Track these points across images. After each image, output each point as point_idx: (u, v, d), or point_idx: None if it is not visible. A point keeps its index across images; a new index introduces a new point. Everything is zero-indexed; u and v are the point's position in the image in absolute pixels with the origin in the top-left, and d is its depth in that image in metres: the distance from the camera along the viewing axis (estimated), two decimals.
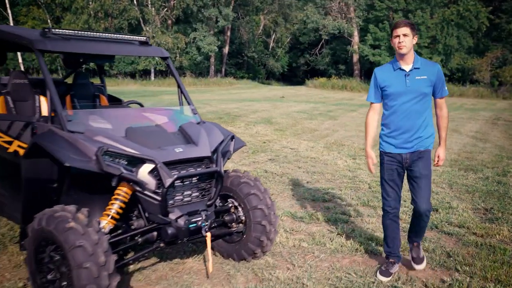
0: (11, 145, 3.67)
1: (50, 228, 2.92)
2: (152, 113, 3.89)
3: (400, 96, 3.69)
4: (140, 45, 4.25)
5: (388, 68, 3.79)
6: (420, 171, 3.70)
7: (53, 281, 3.07)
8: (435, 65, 3.75)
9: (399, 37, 3.59)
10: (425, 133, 3.72)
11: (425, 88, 3.66)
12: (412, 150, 3.71)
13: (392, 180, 3.80)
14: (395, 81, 3.71)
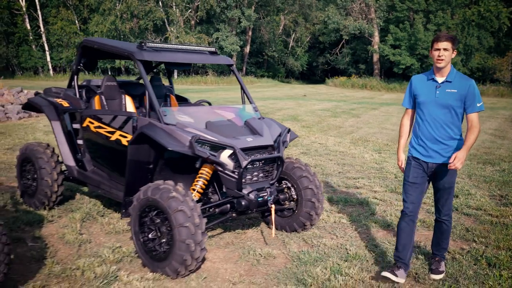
0: (113, 134, 4.56)
1: (156, 197, 3.80)
2: (222, 110, 4.75)
3: (428, 106, 3.74)
4: (210, 54, 5.12)
5: (423, 77, 3.85)
6: (444, 184, 3.79)
7: (153, 239, 3.95)
8: (469, 80, 3.70)
9: (440, 50, 3.60)
10: (452, 145, 3.73)
11: (453, 101, 3.65)
12: (438, 161, 3.75)
13: (414, 183, 3.83)
14: (425, 91, 3.77)
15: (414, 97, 3.89)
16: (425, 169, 3.82)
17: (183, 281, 3.80)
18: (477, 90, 3.68)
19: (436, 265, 4.01)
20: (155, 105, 4.18)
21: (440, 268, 3.99)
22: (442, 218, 3.92)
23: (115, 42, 5.06)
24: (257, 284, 3.82)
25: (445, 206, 3.89)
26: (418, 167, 3.83)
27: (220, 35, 43.60)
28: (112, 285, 3.70)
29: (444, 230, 3.97)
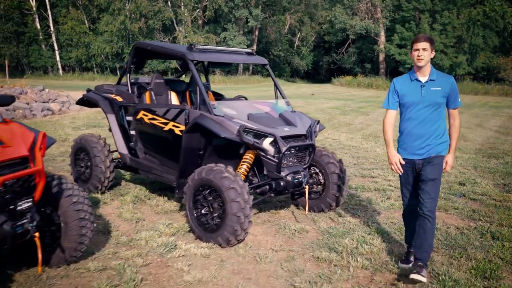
0: (166, 125, 5.23)
1: (210, 177, 4.47)
2: (259, 104, 5.42)
3: (415, 105, 3.87)
4: (247, 55, 5.80)
5: (406, 78, 3.99)
6: (428, 175, 3.82)
7: (206, 214, 4.63)
8: (450, 77, 3.91)
9: (419, 50, 3.78)
10: (438, 140, 3.87)
11: (439, 98, 3.83)
12: (424, 156, 3.89)
13: (407, 183, 4.04)
14: (411, 91, 3.89)
15: (398, 99, 3.98)
16: (413, 167, 3.95)
17: (232, 249, 4.48)
18: (457, 86, 3.91)
19: (418, 269, 3.71)
20: (206, 99, 4.87)
21: (422, 272, 3.68)
22: (425, 213, 3.78)
23: (166, 44, 5.74)
24: (295, 251, 4.49)
25: (428, 198, 3.79)
26: (407, 168, 3.98)
27: (227, 35, 44.28)
28: (173, 252, 4.37)
29: (428, 229, 3.79)
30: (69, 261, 3.94)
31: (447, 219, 5.54)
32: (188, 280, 3.83)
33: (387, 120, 4.07)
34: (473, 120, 16.85)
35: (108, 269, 3.98)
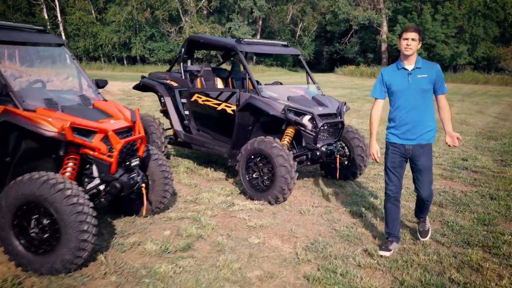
0: (219, 106, 6.24)
1: (261, 147, 5.48)
2: (294, 88, 6.42)
3: (403, 93, 4.02)
4: (283, 47, 6.80)
5: (393, 68, 4.15)
6: (423, 165, 4.08)
7: (257, 178, 5.66)
8: (435, 65, 4.09)
9: (408, 40, 3.93)
10: (427, 127, 4.04)
11: (425, 85, 3.99)
12: (415, 142, 4.05)
13: (394, 168, 4.17)
14: (398, 80, 4.05)
15: (387, 88, 4.14)
16: (402, 153, 4.12)
17: (280, 206, 5.52)
18: (442, 73, 4.08)
19: (422, 226, 4.43)
20: (254, 83, 5.88)
21: (426, 227, 4.44)
22: (425, 198, 4.22)
23: (217, 38, 6.75)
24: (331, 207, 5.54)
25: (424, 188, 4.13)
26: (395, 152, 4.14)
27: (232, 25, 45.07)
28: (233, 207, 5.41)
29: (426, 207, 4.36)
30: (154, 212, 4.97)
31: (453, 185, 6.59)
32: (251, 225, 4.87)
33: (375, 110, 4.21)
34: (474, 107, 17.85)
35: (186, 218, 5.02)
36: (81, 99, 4.46)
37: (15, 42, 4.42)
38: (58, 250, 3.54)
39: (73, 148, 4.03)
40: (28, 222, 3.63)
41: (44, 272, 3.60)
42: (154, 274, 3.70)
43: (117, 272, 3.74)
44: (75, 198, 3.51)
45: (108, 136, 4.01)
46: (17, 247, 3.67)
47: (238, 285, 3.61)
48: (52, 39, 4.79)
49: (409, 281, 3.72)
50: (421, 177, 4.14)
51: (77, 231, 3.48)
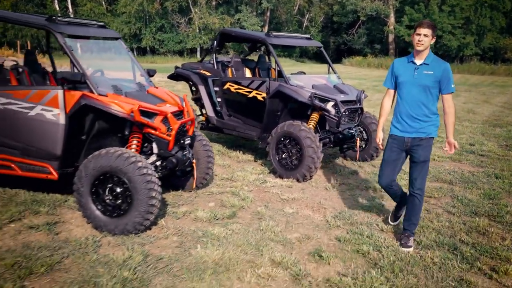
0: (250, 93, 6.89)
1: (290, 130, 6.13)
2: (317, 77, 7.05)
3: (407, 86, 4.08)
4: (306, 39, 7.42)
5: (404, 60, 4.21)
6: (419, 157, 4.12)
7: (286, 158, 6.31)
8: (444, 63, 4.06)
9: (420, 35, 3.94)
10: (427, 121, 4.08)
11: (429, 82, 4.00)
12: (414, 135, 4.11)
13: (389, 160, 4.29)
14: (405, 72, 4.11)
15: (395, 78, 4.21)
16: (401, 145, 4.19)
17: (306, 183, 6.18)
18: (451, 73, 4.03)
19: (406, 240, 4.25)
20: (283, 73, 6.52)
21: (409, 243, 4.22)
22: (415, 192, 4.18)
23: (248, 31, 7.38)
24: (353, 184, 6.19)
25: (418, 180, 4.17)
26: (394, 145, 4.23)
27: (241, 16, 45.54)
28: (265, 184, 6.08)
29: (416, 205, 4.21)
30: (198, 187, 5.64)
31: (461, 166, 7.24)
32: (284, 198, 5.54)
33: (385, 99, 4.34)
34: (480, 97, 18.39)
35: (226, 192, 5.69)
36: (138, 86, 5.13)
37: (85, 37, 5.06)
38: (130, 213, 4.21)
39: (137, 128, 4.69)
40: (104, 190, 4.31)
41: (118, 232, 4.28)
42: (209, 235, 4.37)
43: (177, 234, 4.42)
44: (145, 169, 4.18)
45: (168, 118, 4.67)
46: (95, 212, 4.35)
47: (281, 244, 4.28)
48: (111, 33, 5.43)
49: (425, 241, 4.38)
50: (415, 168, 4.17)
51: (146, 197, 4.15)
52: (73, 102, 4.39)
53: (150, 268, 3.69)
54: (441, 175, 6.67)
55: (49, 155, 4.57)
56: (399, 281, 3.60)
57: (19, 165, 4.70)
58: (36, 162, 4.63)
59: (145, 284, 3.43)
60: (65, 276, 3.52)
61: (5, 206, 4.85)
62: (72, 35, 4.76)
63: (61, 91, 4.42)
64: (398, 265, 3.85)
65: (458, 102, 16.37)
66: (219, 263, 3.79)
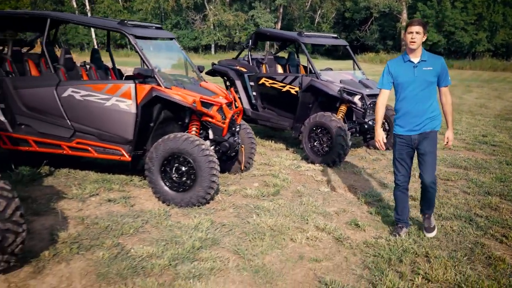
0: (284, 88, 7.64)
1: (322, 120, 6.87)
2: (344, 73, 7.78)
3: (409, 85, 4.13)
4: (333, 38, 8.15)
5: (399, 60, 4.23)
6: (425, 149, 4.19)
7: (317, 145, 7.06)
8: (440, 58, 4.19)
9: (412, 33, 4.01)
10: (431, 116, 4.17)
11: (430, 77, 4.10)
12: (420, 132, 4.19)
13: (401, 159, 4.34)
14: (404, 72, 4.14)
15: (392, 79, 4.24)
16: (408, 143, 4.26)
17: (336, 168, 6.92)
18: (447, 66, 4.21)
19: (428, 222, 4.47)
20: (315, 69, 7.27)
21: (432, 225, 4.47)
22: (427, 184, 4.28)
23: (281, 31, 8.14)
24: (377, 169, 6.92)
25: (428, 171, 4.24)
26: (402, 144, 4.30)
27: (255, 13, 46.23)
28: (300, 168, 6.83)
29: (431, 195, 4.36)
30: (242, 171, 6.40)
31: (475, 154, 7.94)
32: (318, 180, 6.30)
33: (381, 100, 4.37)
34: (493, 93, 18.97)
35: (266, 175, 6.45)
36: (192, 80, 5.90)
37: (148, 37, 5.83)
38: (194, 188, 5.00)
39: (195, 116, 5.47)
40: (171, 169, 5.09)
41: (183, 205, 5.06)
42: (260, 207, 5.14)
43: (232, 207, 5.19)
44: (207, 151, 4.96)
45: (223, 108, 5.44)
46: (163, 188, 5.14)
47: (322, 215, 5.04)
48: (167, 34, 6.21)
49: (445, 214, 5.11)
50: (424, 160, 4.24)
51: (209, 175, 4.93)
52: (143, 94, 5.17)
53: (218, 231, 4.47)
54: (457, 161, 7.37)
55: (122, 140, 5.36)
56: (425, 243, 4.33)
57: (95, 148, 5.49)
58: (110, 145, 5.42)
59: (217, 243, 4.21)
60: (150, 236, 4.31)
61: (81, 184, 5.66)
62: (140, 36, 5.52)
63: (133, 85, 5.20)
64: (422, 232, 4.58)
65: (471, 97, 17.00)
66: (273, 228, 4.56)
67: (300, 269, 3.82)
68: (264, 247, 4.15)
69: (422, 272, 3.74)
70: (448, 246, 4.31)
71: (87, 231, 4.37)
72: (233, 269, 3.74)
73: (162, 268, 3.68)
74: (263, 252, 4.06)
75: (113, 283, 3.47)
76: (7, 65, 5.88)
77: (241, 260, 3.90)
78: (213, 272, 3.65)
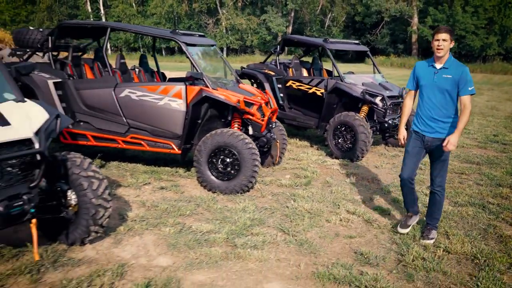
0: (310, 89, 8.31)
1: (346, 119, 7.52)
2: (365, 76, 8.43)
3: (427, 89, 4.27)
4: (355, 44, 8.81)
5: (425, 64, 4.37)
6: (440, 156, 4.34)
7: (341, 142, 7.70)
8: (463, 67, 4.18)
9: (439, 41, 4.10)
10: (447, 123, 4.24)
11: (448, 85, 4.15)
12: (433, 135, 4.29)
13: (412, 154, 4.46)
14: (426, 75, 4.30)
15: (417, 80, 4.40)
16: (422, 141, 4.39)
17: (358, 163, 7.57)
18: (469, 76, 4.14)
19: (427, 232, 4.51)
20: (339, 72, 7.93)
21: (430, 236, 4.47)
22: (436, 189, 4.43)
23: (307, 37, 8.82)
24: (395, 163, 7.55)
25: (438, 177, 4.41)
26: (417, 139, 4.44)
27: (267, 17, 46.98)
28: (325, 163, 7.49)
29: (437, 201, 4.46)
30: (274, 164, 7.07)
31: (487, 152, 8.55)
32: (344, 173, 6.96)
33: (407, 99, 4.58)
34: (503, 95, 19.50)
35: (296, 168, 7.12)
36: (232, 83, 6.59)
37: (195, 44, 6.51)
38: (238, 178, 5.67)
39: (237, 114, 6.15)
40: (217, 160, 5.77)
41: (227, 192, 5.73)
42: (296, 194, 5.80)
43: (270, 194, 5.86)
44: (250, 145, 5.63)
45: (262, 107, 6.12)
46: (210, 177, 5.82)
47: (351, 202, 5.69)
48: (209, 41, 6.91)
49: (460, 202, 5.74)
50: (435, 166, 4.42)
51: (251, 165, 5.60)
52: (193, 94, 5.86)
53: (262, 213, 5.14)
54: (470, 158, 7.99)
55: (172, 135, 6.05)
56: (444, 224, 4.97)
57: (148, 142, 6.19)
58: (162, 140, 6.11)
59: (263, 222, 4.88)
60: (204, 216, 4.99)
61: (133, 174, 6.37)
62: (189, 43, 6.22)
63: (184, 87, 5.90)
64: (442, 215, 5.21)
65: (482, 100, 17.56)
66: (310, 211, 5.23)
67: (337, 244, 4.48)
68: (304, 226, 4.81)
69: (442, 246, 4.39)
70: (464, 227, 4.95)
71: (150, 212, 5.06)
72: (281, 242, 4.41)
73: (222, 240, 4.36)
74: (304, 229, 4.73)
75: (182, 251, 4.14)
76: (68, 69, 6.61)
77: (287, 235, 4.57)
78: (265, 244, 4.32)
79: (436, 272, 3.89)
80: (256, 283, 3.66)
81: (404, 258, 4.12)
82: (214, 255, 4.06)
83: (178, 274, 3.73)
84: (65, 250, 4.05)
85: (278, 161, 6.96)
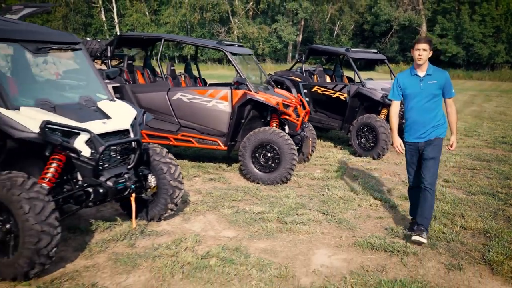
0: (334, 94, 9.16)
1: (368, 121, 8.34)
2: (383, 82, 9.27)
3: (415, 97, 4.47)
4: (373, 53, 9.67)
5: (407, 74, 4.58)
6: (428, 154, 4.49)
7: (363, 142, 8.53)
8: (444, 72, 4.52)
9: (420, 50, 4.36)
10: (436, 124, 4.48)
11: (435, 90, 4.43)
12: (425, 139, 4.52)
13: (412, 163, 4.70)
14: (411, 84, 4.48)
15: (402, 91, 4.58)
16: (416, 149, 4.61)
17: (379, 160, 8.39)
18: (450, 80, 4.52)
19: (419, 232, 4.44)
20: (361, 78, 8.79)
21: (422, 235, 4.40)
22: (426, 186, 4.49)
23: (331, 47, 9.71)
24: None
25: (429, 174, 4.50)
26: (412, 150, 4.65)
27: (278, 26, 47.98)
28: (350, 160, 8.33)
29: (428, 199, 4.49)
30: (305, 161, 7.91)
31: (496, 151, 9.35)
32: (368, 168, 7.79)
33: (392, 109, 4.72)
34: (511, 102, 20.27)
35: (325, 164, 7.96)
36: (269, 87, 7.46)
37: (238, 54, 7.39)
38: (278, 170, 6.52)
39: (275, 115, 7.00)
40: (260, 155, 6.62)
41: (269, 183, 6.58)
42: (328, 185, 6.64)
43: (305, 185, 6.70)
44: (289, 141, 6.49)
45: (297, 108, 6.99)
46: (253, 169, 6.67)
47: (377, 191, 6.51)
48: (247, 50, 7.80)
49: (473, 191, 6.54)
50: (425, 165, 4.53)
51: (290, 159, 6.45)
52: (238, 97, 6.73)
53: (302, 199, 5.99)
54: (480, 156, 8.79)
55: (219, 133, 6.92)
56: (458, 209, 5.78)
57: (196, 139, 7.05)
58: (209, 137, 6.98)
59: (305, 206, 5.71)
60: (253, 202, 5.85)
61: (183, 168, 7.23)
62: (233, 53, 7.10)
63: (229, 90, 6.77)
64: (457, 202, 6.02)
65: (491, 105, 18.35)
66: (343, 198, 6.06)
67: (370, 222, 5.31)
68: (340, 209, 5.65)
69: (459, 223, 5.20)
70: (477, 210, 5.76)
71: (207, 198, 5.92)
72: (323, 220, 5.25)
73: (274, 218, 5.21)
74: (340, 211, 5.57)
75: (242, 227, 4.99)
76: (124, 75, 7.51)
77: (327, 216, 5.41)
78: (310, 222, 5.16)
79: (455, 242, 4.71)
80: (308, 249, 4.49)
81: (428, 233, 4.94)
82: (270, 229, 4.91)
83: (243, 243, 4.57)
84: (146, 225, 4.91)
85: (309, 157, 7.79)
